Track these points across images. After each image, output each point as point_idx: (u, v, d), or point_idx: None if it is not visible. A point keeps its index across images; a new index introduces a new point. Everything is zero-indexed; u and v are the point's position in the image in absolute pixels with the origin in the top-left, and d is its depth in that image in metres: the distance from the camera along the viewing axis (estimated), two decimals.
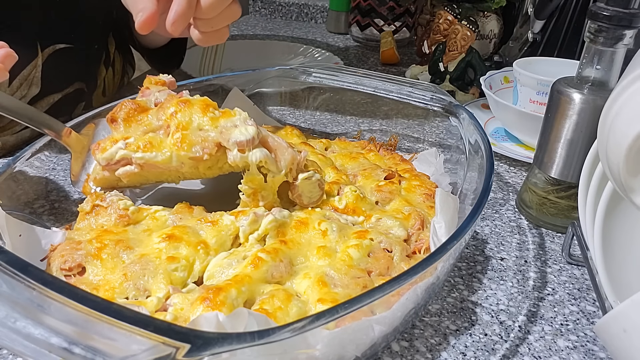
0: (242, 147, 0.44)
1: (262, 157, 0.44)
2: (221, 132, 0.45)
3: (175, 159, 0.45)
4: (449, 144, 0.65)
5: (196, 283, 0.41)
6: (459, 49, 0.90)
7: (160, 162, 0.45)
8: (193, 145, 0.44)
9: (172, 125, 0.45)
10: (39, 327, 0.27)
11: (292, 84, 0.73)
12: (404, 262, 0.45)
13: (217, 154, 0.45)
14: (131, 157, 0.46)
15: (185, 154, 0.45)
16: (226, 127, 0.45)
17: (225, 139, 0.44)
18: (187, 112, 0.45)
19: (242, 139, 0.44)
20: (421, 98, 0.63)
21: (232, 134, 0.44)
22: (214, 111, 0.46)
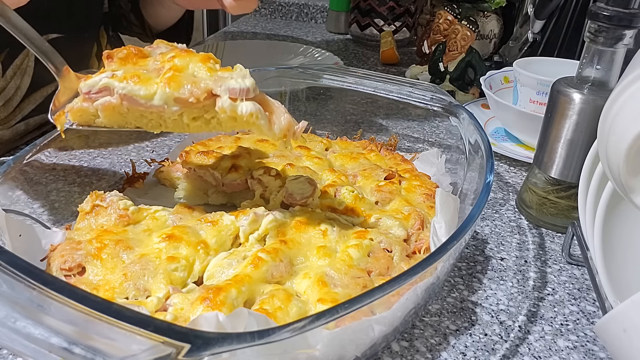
0: (234, 95, 0.41)
1: (253, 110, 0.41)
2: (215, 79, 0.41)
3: (160, 97, 0.41)
4: (449, 144, 0.65)
5: (196, 283, 0.41)
6: (459, 49, 0.90)
7: (143, 96, 0.41)
8: (182, 85, 0.41)
9: (166, 67, 0.42)
10: (39, 327, 0.27)
11: (292, 84, 0.73)
12: (404, 262, 0.45)
13: (206, 101, 0.41)
14: (114, 87, 0.42)
15: (171, 93, 0.41)
16: (222, 76, 0.41)
17: (218, 85, 0.41)
18: (185, 58, 0.42)
19: (236, 87, 0.40)
20: (421, 98, 0.63)
21: (226, 82, 0.41)
22: (214, 64, 0.43)
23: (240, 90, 0.41)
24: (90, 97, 0.43)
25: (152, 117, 0.43)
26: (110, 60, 0.44)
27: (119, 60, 0.44)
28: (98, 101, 0.43)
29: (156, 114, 0.42)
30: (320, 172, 0.57)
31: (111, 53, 0.44)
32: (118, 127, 0.45)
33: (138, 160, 0.62)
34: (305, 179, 0.52)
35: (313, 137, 0.68)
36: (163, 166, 0.59)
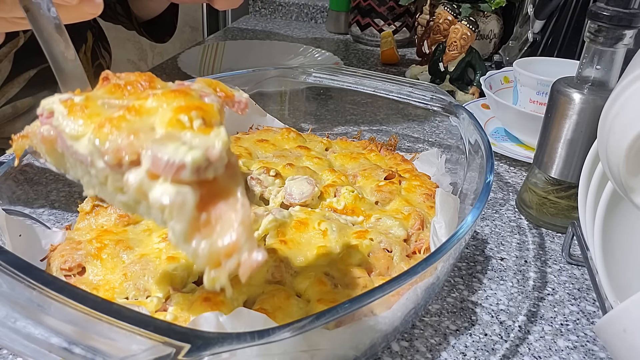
0: (157, 168, 0.25)
1: (169, 202, 0.25)
2: (160, 139, 0.26)
3: (86, 143, 0.27)
4: (449, 144, 0.65)
5: (196, 283, 0.41)
6: (459, 49, 0.90)
7: (69, 134, 0.28)
8: (111, 134, 0.26)
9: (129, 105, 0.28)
10: (39, 327, 0.27)
11: (292, 84, 0.73)
12: (404, 262, 0.45)
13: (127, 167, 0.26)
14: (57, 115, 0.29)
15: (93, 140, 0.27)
16: (172, 137, 0.26)
17: (150, 148, 0.26)
18: (162, 101, 0.28)
19: (163, 157, 0.25)
20: (421, 98, 0.63)
21: (162, 146, 0.25)
22: (197, 117, 0.27)
23: (169, 163, 0.25)
24: (42, 121, 0.31)
25: (81, 171, 0.30)
26: (105, 83, 0.31)
27: (113, 86, 0.30)
28: (40, 129, 0.30)
29: (85, 169, 0.29)
30: (320, 172, 0.57)
31: (111, 75, 0.32)
32: (62, 170, 0.32)
33: None
34: (305, 179, 0.52)
35: (313, 137, 0.68)
36: None
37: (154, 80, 0.31)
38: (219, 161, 0.25)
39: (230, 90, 0.32)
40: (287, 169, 0.55)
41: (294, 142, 0.64)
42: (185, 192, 0.25)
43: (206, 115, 0.28)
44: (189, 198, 0.25)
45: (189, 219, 0.24)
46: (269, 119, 0.71)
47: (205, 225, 0.25)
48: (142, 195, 0.26)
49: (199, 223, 0.25)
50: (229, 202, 0.25)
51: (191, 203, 0.25)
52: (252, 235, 0.25)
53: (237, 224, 0.25)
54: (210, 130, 0.27)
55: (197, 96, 0.29)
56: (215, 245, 0.24)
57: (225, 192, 0.26)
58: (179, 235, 0.25)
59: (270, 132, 0.67)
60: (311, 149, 0.63)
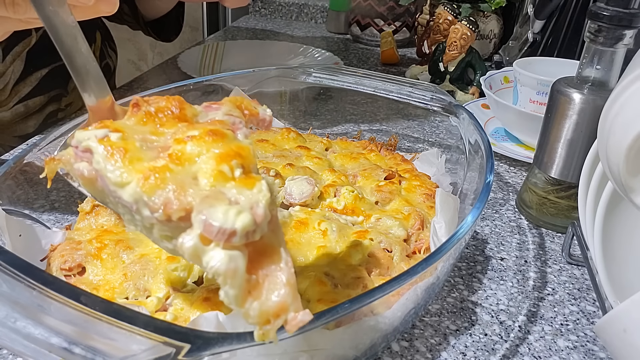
0: (210, 234, 0.25)
1: (223, 270, 0.25)
2: (207, 196, 0.26)
3: (131, 192, 0.27)
4: (449, 144, 0.65)
5: (196, 283, 0.41)
6: (459, 49, 0.90)
7: (114, 182, 0.28)
8: (159, 189, 0.27)
9: (170, 150, 0.28)
10: (39, 327, 0.27)
11: (292, 84, 0.73)
12: (404, 262, 0.45)
13: (181, 223, 0.26)
14: (94, 155, 0.29)
15: (141, 193, 0.27)
16: (219, 194, 0.26)
17: (200, 208, 0.26)
18: (201, 146, 0.28)
19: (215, 224, 0.25)
20: (421, 98, 0.63)
21: (212, 210, 0.25)
22: (234, 169, 0.27)
23: (220, 230, 0.25)
24: (77, 153, 0.30)
25: (123, 211, 0.30)
26: (135, 110, 0.31)
27: (145, 114, 0.31)
28: (77, 164, 0.30)
29: (127, 210, 0.29)
30: (320, 172, 0.57)
31: (140, 102, 0.31)
32: (94, 197, 0.32)
33: None
34: (305, 179, 0.52)
35: (313, 137, 0.68)
36: None
37: (184, 106, 0.31)
38: (264, 221, 0.26)
39: (255, 108, 0.33)
40: (287, 169, 0.55)
41: (294, 142, 0.64)
42: (237, 258, 0.25)
43: (245, 162, 0.28)
44: (240, 263, 0.25)
45: (241, 284, 0.25)
46: None
47: (255, 287, 0.25)
48: (195, 258, 0.26)
49: (250, 285, 0.25)
50: (273, 260, 0.26)
51: (242, 268, 0.25)
52: (297, 295, 0.26)
53: (284, 284, 0.25)
54: (252, 181, 0.27)
55: (232, 136, 0.29)
56: (265, 306, 0.25)
57: (269, 250, 0.26)
58: (233, 300, 0.25)
59: (270, 132, 0.67)
60: (311, 149, 0.63)
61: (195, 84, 0.65)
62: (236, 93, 0.68)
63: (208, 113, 0.32)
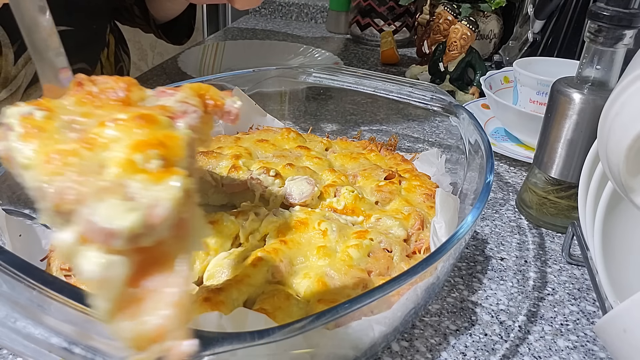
0: (89, 233, 0.21)
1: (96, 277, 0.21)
2: (100, 189, 0.22)
3: (31, 176, 0.24)
4: (449, 144, 0.65)
5: (196, 283, 0.41)
6: (459, 49, 0.90)
7: (20, 163, 0.25)
8: (58, 175, 0.23)
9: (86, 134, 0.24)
10: (39, 327, 0.27)
11: (292, 84, 0.73)
12: (404, 262, 0.45)
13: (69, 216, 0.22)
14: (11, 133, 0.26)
15: (38, 176, 0.23)
16: (118, 187, 0.22)
17: (87, 203, 0.22)
18: (122, 131, 0.24)
19: (97, 222, 0.21)
20: (421, 98, 0.63)
21: (98, 204, 0.21)
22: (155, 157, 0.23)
23: (100, 229, 0.21)
24: (3, 131, 0.27)
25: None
26: (77, 89, 0.28)
27: (86, 94, 0.27)
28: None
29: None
30: (320, 172, 0.57)
31: (85, 80, 0.28)
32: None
33: None
34: (305, 179, 0.52)
35: (313, 137, 0.68)
36: None
37: (132, 89, 0.28)
38: (163, 224, 0.21)
39: (221, 99, 0.29)
40: (287, 169, 0.55)
41: (294, 142, 0.64)
42: (116, 265, 0.20)
43: (168, 153, 0.23)
44: (118, 272, 0.21)
45: (114, 297, 0.21)
46: (269, 119, 0.71)
47: (134, 303, 0.21)
48: (72, 260, 0.22)
49: (128, 300, 0.21)
50: (166, 274, 0.21)
51: (120, 278, 0.21)
52: (186, 319, 0.21)
53: (171, 305, 0.21)
54: (165, 176, 0.22)
55: (166, 123, 0.25)
56: (142, 328, 0.21)
57: (165, 260, 0.22)
58: (102, 314, 0.21)
59: (270, 132, 0.67)
60: (311, 149, 0.63)
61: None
62: (236, 93, 0.68)
63: (159, 98, 0.29)
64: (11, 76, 0.68)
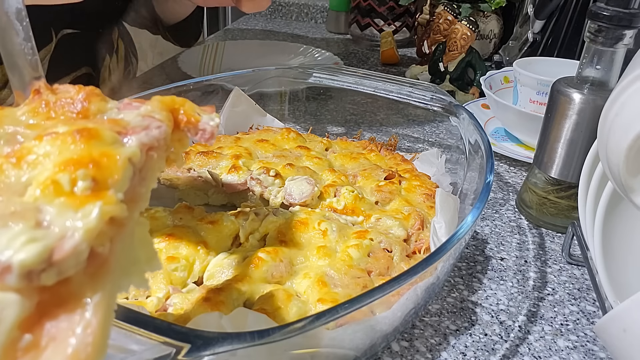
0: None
1: None
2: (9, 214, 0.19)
3: None
4: (449, 144, 0.65)
5: (196, 283, 0.41)
6: (459, 49, 0.90)
7: None
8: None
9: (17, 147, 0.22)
10: None
11: (292, 84, 0.73)
12: (404, 262, 0.45)
13: None
14: None
15: None
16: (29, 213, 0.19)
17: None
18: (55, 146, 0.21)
19: None
20: (421, 98, 0.63)
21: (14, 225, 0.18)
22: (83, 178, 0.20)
23: None
24: None
25: None
26: (35, 98, 0.25)
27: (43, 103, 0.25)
28: None
29: None
30: (320, 172, 0.57)
31: (43, 88, 0.26)
32: None
33: None
34: (305, 179, 0.52)
35: (313, 137, 0.68)
36: None
37: (92, 99, 0.25)
38: (70, 260, 0.18)
39: (196, 115, 0.27)
40: (287, 169, 0.55)
41: (294, 142, 0.64)
42: (9, 304, 0.17)
43: (101, 174, 0.20)
44: (9, 314, 0.17)
45: (2, 344, 0.17)
46: (269, 119, 0.71)
47: (30, 350, 0.17)
48: None
49: (20, 349, 0.17)
50: (72, 318, 0.18)
51: (10, 321, 0.17)
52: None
53: (68, 356, 0.17)
54: (86, 200, 0.19)
55: (111, 139, 0.22)
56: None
57: (73, 301, 0.18)
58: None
59: (270, 132, 0.67)
60: (311, 149, 0.63)
61: (195, 83, 0.65)
62: (236, 93, 0.68)
63: (121, 111, 0.26)
64: None
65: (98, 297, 0.19)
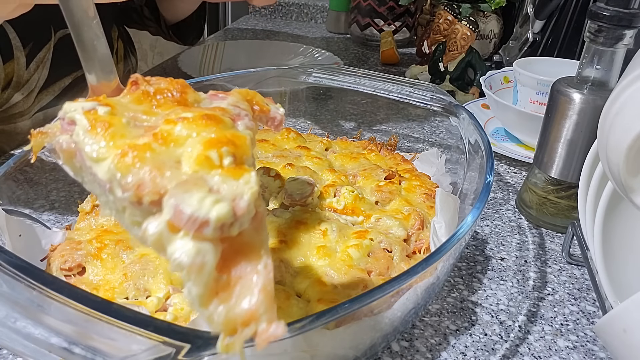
0: (179, 221, 0.22)
1: (188, 263, 0.22)
2: (183, 182, 0.23)
3: (105, 169, 0.25)
4: (449, 144, 0.65)
5: None
6: (459, 49, 0.90)
7: (89, 156, 0.26)
8: (133, 167, 0.24)
9: (156, 130, 0.26)
10: (39, 327, 0.27)
11: (292, 84, 0.73)
12: (404, 262, 0.45)
13: (152, 207, 0.24)
14: (77, 127, 0.27)
15: (114, 171, 0.24)
16: (199, 181, 0.23)
17: (173, 194, 0.23)
18: (191, 129, 0.25)
19: (187, 211, 0.22)
20: (421, 98, 0.63)
21: (186, 195, 0.23)
22: (227, 155, 0.24)
23: (191, 218, 0.22)
24: (62, 126, 0.28)
25: (98, 191, 0.27)
26: (133, 89, 0.29)
27: (142, 94, 0.28)
28: (59, 137, 0.28)
29: (102, 191, 0.26)
30: (320, 172, 0.57)
31: (140, 80, 0.29)
32: (80, 180, 0.29)
33: None
34: (304, 179, 0.52)
35: (313, 137, 0.68)
36: None
37: (186, 90, 0.29)
38: (246, 215, 0.23)
39: (266, 105, 0.30)
40: (287, 169, 0.55)
41: (294, 142, 0.64)
42: (206, 252, 0.22)
43: (238, 152, 0.25)
44: (209, 258, 0.22)
45: (207, 282, 0.22)
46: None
47: (224, 288, 0.23)
48: (160, 247, 0.23)
49: (218, 285, 0.23)
50: (251, 261, 0.23)
51: (211, 264, 0.22)
52: (273, 304, 0.23)
53: (258, 290, 0.22)
54: (240, 172, 0.24)
55: (230, 123, 0.26)
56: (233, 312, 0.22)
57: (248, 249, 0.23)
58: (196, 299, 0.22)
59: (270, 132, 0.67)
60: (311, 149, 0.63)
61: (195, 84, 0.65)
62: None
63: (212, 101, 0.29)
64: (23, 80, 0.68)
65: (266, 243, 0.24)
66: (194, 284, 0.22)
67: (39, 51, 0.69)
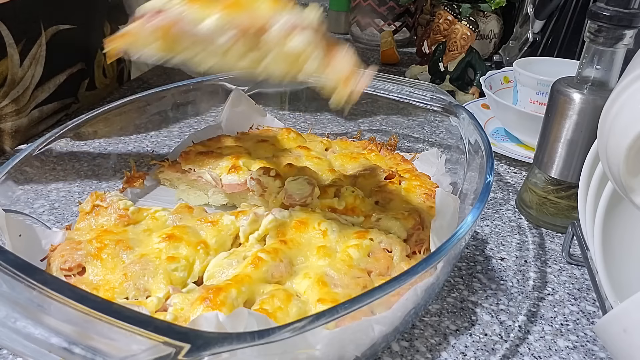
0: (287, 28, 0.37)
1: (304, 43, 0.37)
2: (274, 14, 0.38)
3: (211, 21, 0.37)
4: (449, 144, 0.65)
5: (196, 283, 0.41)
6: (459, 49, 0.90)
7: (193, 18, 0.37)
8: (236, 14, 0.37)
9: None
10: (39, 327, 0.27)
11: (292, 84, 0.73)
12: (404, 262, 0.45)
13: (260, 32, 0.37)
14: (168, 9, 0.38)
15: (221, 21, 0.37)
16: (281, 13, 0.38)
17: (275, 17, 0.37)
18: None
19: (289, 20, 0.37)
20: (421, 98, 0.63)
21: (284, 15, 0.37)
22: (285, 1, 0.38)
23: (294, 24, 0.37)
24: (147, 19, 0.38)
25: (199, 49, 0.39)
26: None
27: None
28: (150, 23, 0.38)
29: (204, 46, 0.38)
30: (320, 172, 0.57)
31: None
32: (166, 55, 0.40)
33: (138, 160, 0.62)
34: (304, 179, 0.52)
35: (313, 137, 0.68)
36: (163, 166, 0.59)
37: None
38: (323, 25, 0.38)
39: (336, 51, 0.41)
40: (287, 169, 0.55)
41: (294, 142, 0.64)
42: (310, 35, 0.36)
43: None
44: (312, 39, 0.37)
45: (319, 53, 0.37)
46: (269, 119, 0.71)
47: (329, 65, 0.38)
48: (279, 46, 0.37)
49: (326, 61, 0.37)
50: (338, 51, 0.38)
51: (316, 40, 0.36)
52: (358, 70, 0.38)
53: (348, 61, 0.38)
54: (302, 7, 0.38)
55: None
56: (340, 72, 0.38)
57: (334, 46, 0.38)
58: (318, 66, 0.37)
59: (270, 132, 0.67)
60: (311, 149, 0.63)
61: (195, 84, 0.66)
62: (236, 93, 0.68)
63: None
64: (18, 78, 0.68)
65: (338, 42, 0.39)
66: (314, 57, 0.37)
67: (31, 48, 0.69)
